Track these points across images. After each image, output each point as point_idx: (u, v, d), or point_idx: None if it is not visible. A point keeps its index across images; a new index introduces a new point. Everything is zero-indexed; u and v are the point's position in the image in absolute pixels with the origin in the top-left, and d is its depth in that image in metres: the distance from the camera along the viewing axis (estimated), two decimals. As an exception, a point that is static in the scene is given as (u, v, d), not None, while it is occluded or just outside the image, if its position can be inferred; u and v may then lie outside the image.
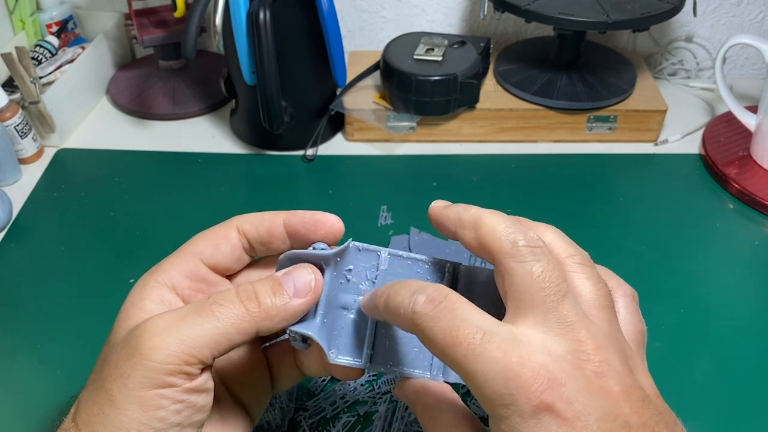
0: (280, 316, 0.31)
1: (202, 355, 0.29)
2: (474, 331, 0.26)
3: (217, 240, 0.35)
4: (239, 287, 0.31)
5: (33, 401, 0.46)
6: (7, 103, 0.64)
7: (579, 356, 0.26)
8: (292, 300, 0.31)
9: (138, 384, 0.28)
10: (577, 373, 0.26)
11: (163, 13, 0.75)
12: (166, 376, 0.28)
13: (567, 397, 0.25)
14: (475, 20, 0.82)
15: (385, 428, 0.43)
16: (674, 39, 0.82)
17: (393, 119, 0.69)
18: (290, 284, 0.31)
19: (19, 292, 0.54)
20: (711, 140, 0.69)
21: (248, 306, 0.30)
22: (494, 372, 0.25)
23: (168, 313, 0.30)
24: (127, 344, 0.29)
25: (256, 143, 0.70)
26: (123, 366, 0.28)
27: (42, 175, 0.67)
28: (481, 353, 0.26)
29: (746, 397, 0.46)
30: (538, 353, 0.26)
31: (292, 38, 0.63)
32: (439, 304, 0.28)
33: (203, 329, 0.29)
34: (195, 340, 0.28)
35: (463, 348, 0.26)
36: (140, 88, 0.77)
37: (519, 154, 0.70)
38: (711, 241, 0.59)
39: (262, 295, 0.30)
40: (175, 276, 0.34)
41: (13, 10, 0.76)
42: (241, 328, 0.30)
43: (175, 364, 0.28)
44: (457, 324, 0.27)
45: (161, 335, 0.28)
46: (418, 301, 0.28)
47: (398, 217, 0.60)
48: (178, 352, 0.28)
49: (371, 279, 0.34)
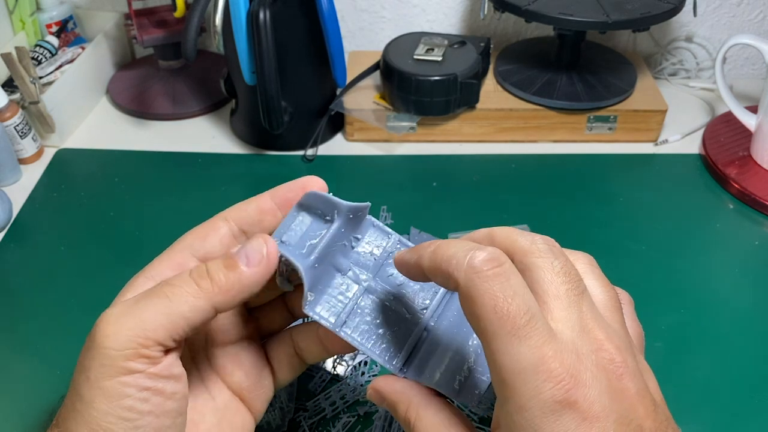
0: (235, 290, 0.30)
1: (158, 337, 0.28)
2: (524, 311, 0.25)
3: (205, 232, 0.35)
4: (192, 268, 0.31)
5: (33, 401, 0.46)
6: (7, 103, 0.64)
7: (602, 356, 0.26)
8: (246, 270, 0.30)
9: (99, 375, 0.27)
10: (601, 375, 0.26)
11: (163, 13, 0.75)
12: (124, 362, 0.27)
13: (590, 397, 0.25)
14: (475, 20, 0.82)
15: (385, 428, 0.43)
16: (674, 39, 0.82)
17: (393, 119, 0.69)
18: (242, 257, 0.30)
19: (19, 292, 0.54)
20: (711, 140, 0.69)
21: (201, 283, 0.30)
22: (527, 360, 0.25)
23: (123, 302, 0.29)
24: (87, 339, 0.29)
25: (256, 143, 0.70)
26: (84, 360, 0.28)
27: (42, 175, 0.67)
28: (523, 337, 0.25)
29: (746, 397, 0.46)
30: (568, 351, 0.26)
31: (292, 38, 0.63)
32: (499, 266, 0.26)
33: (156, 310, 0.28)
34: (148, 322, 0.28)
35: (508, 324, 0.25)
36: (140, 88, 0.77)
37: (519, 154, 0.70)
38: (711, 241, 0.59)
39: (214, 271, 0.30)
40: (163, 270, 0.33)
41: (13, 10, 0.76)
42: (196, 306, 0.29)
43: (131, 348, 0.27)
44: (510, 294, 0.26)
45: (115, 323, 0.28)
46: (476, 256, 0.26)
47: (398, 217, 0.60)
48: (132, 336, 0.27)
49: (375, 255, 0.35)
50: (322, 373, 0.46)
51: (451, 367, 0.32)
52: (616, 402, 0.26)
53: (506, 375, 0.25)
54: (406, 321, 0.34)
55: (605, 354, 0.27)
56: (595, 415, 0.25)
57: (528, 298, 0.26)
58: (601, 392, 0.25)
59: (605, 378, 0.26)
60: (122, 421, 0.27)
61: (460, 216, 0.61)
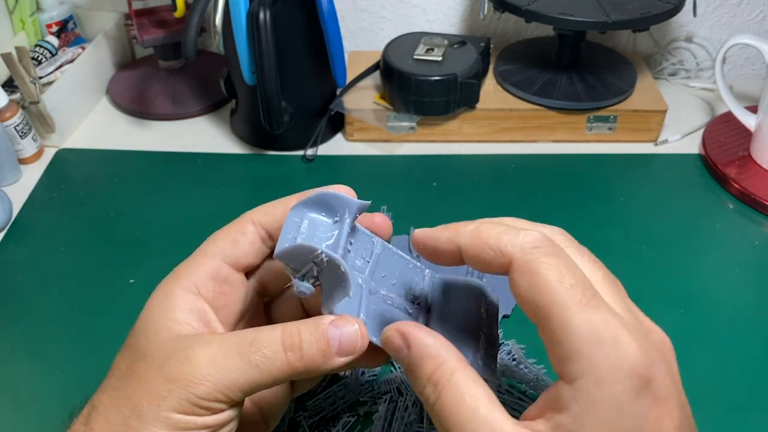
0: (317, 372, 0.30)
1: (234, 396, 0.29)
2: (588, 284, 0.25)
3: (234, 236, 0.35)
4: (284, 330, 0.30)
5: (33, 401, 0.46)
6: (7, 103, 0.64)
7: (655, 338, 0.27)
8: (334, 359, 0.30)
9: (171, 407, 0.28)
10: (660, 357, 0.26)
11: (163, 13, 0.75)
12: (197, 407, 0.29)
13: (660, 378, 0.25)
14: (475, 20, 0.82)
15: (385, 428, 0.43)
16: (674, 39, 0.82)
17: (393, 119, 0.69)
18: (336, 340, 0.30)
19: (19, 292, 0.54)
20: (711, 140, 0.69)
21: (290, 358, 0.29)
22: (605, 330, 0.24)
23: (212, 346, 0.30)
24: (167, 367, 0.29)
25: (256, 143, 0.70)
26: (160, 387, 0.29)
27: (42, 175, 0.67)
28: (595, 307, 0.25)
29: (746, 397, 0.46)
30: (634, 328, 0.25)
31: (292, 38, 0.63)
32: (553, 244, 0.26)
33: (243, 376, 0.29)
34: (233, 382, 0.29)
35: (578, 295, 0.25)
36: (140, 88, 0.77)
37: (519, 154, 0.70)
38: (711, 241, 0.59)
39: (306, 347, 0.30)
40: (199, 280, 0.33)
41: (13, 10, 0.76)
42: (278, 379, 0.30)
43: (209, 399, 0.29)
44: (573, 266, 0.25)
45: (204, 370, 0.29)
46: (529, 233, 0.26)
47: (398, 217, 0.60)
48: (214, 390, 0.29)
49: (366, 259, 0.34)
50: (322, 373, 0.46)
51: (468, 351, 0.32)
52: (675, 386, 0.25)
53: (582, 346, 0.24)
54: (409, 316, 0.34)
55: (657, 336, 0.27)
56: (665, 397, 0.25)
57: (586, 276, 0.26)
58: (665, 373, 0.25)
59: (663, 361, 0.26)
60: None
61: (460, 216, 0.60)
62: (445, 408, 0.26)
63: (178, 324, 0.31)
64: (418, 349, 0.28)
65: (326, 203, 0.32)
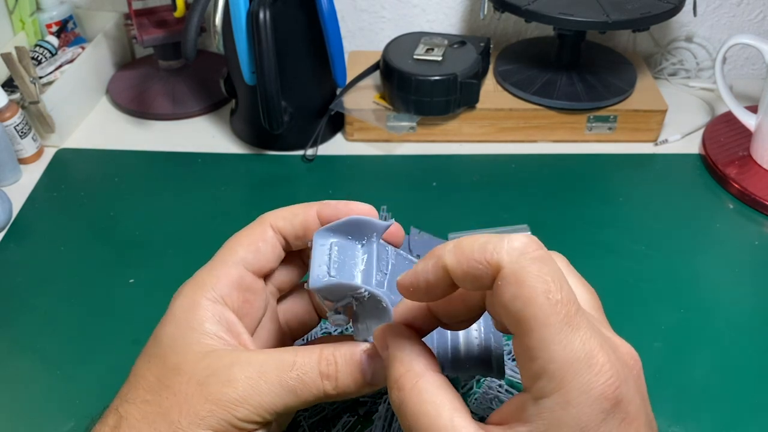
0: (347, 397, 0.31)
1: (269, 417, 0.30)
2: (573, 299, 0.24)
3: (256, 243, 0.34)
4: (321, 356, 0.31)
5: (33, 401, 0.46)
6: (7, 103, 0.64)
7: (623, 352, 0.26)
8: (365, 388, 0.31)
9: (210, 426, 0.29)
10: (629, 374, 0.25)
11: (163, 13, 0.75)
12: (235, 428, 0.30)
13: (629, 396, 0.24)
14: (475, 20, 0.82)
15: (385, 428, 0.43)
16: (674, 39, 0.82)
17: (393, 119, 0.69)
18: (369, 371, 0.31)
19: (19, 292, 0.54)
20: (711, 140, 0.69)
21: (326, 385, 0.31)
22: (580, 351, 0.24)
23: (252, 367, 0.30)
24: (208, 387, 0.30)
25: (256, 143, 0.70)
26: (200, 407, 0.30)
27: (42, 175, 0.67)
28: (575, 326, 0.24)
29: (746, 397, 0.46)
30: (608, 349, 0.25)
31: (292, 38, 0.63)
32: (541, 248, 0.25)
33: (281, 399, 0.30)
34: (271, 405, 0.30)
35: (562, 312, 0.24)
36: (140, 88, 0.77)
37: (519, 154, 0.70)
38: (711, 241, 0.59)
39: (341, 377, 0.31)
40: (224, 290, 0.33)
41: (13, 10, 0.76)
42: (310, 403, 0.31)
43: (246, 420, 0.30)
44: (560, 278, 0.24)
45: (244, 393, 0.30)
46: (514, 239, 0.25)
47: (398, 217, 0.59)
48: (252, 412, 0.30)
49: (384, 271, 0.33)
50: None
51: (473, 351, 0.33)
52: (643, 402, 0.25)
53: (555, 366, 0.24)
54: None
55: (625, 350, 0.26)
56: (633, 415, 0.24)
57: (570, 289, 0.25)
58: (634, 392, 0.25)
59: (632, 377, 0.25)
60: None
61: (460, 216, 0.61)
62: (408, 412, 0.27)
63: (209, 338, 0.32)
64: (391, 352, 0.29)
65: (353, 228, 0.32)
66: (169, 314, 0.33)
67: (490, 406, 0.44)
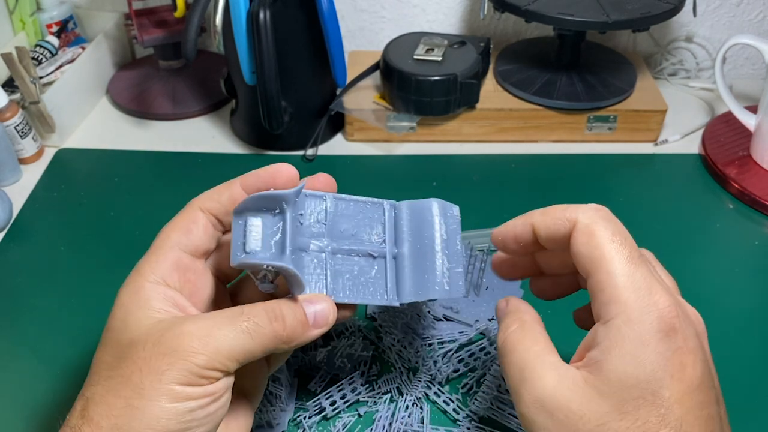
0: (297, 342, 0.33)
1: (230, 365, 0.31)
2: (635, 248, 0.31)
3: (187, 226, 0.36)
4: (266, 306, 0.33)
5: (33, 401, 0.46)
6: (7, 103, 0.64)
7: (688, 312, 0.31)
8: (311, 330, 0.34)
9: (173, 379, 0.30)
10: (690, 325, 0.30)
11: (163, 13, 0.75)
12: (198, 377, 0.30)
13: (687, 333, 0.29)
14: (475, 20, 0.82)
15: (385, 428, 0.43)
16: (674, 39, 0.82)
17: (393, 119, 0.69)
18: (311, 314, 0.34)
19: (19, 292, 0.54)
20: (711, 140, 0.69)
21: (276, 328, 0.32)
22: (643, 282, 0.29)
23: (202, 320, 0.32)
24: (163, 344, 0.31)
25: (256, 143, 0.70)
26: (159, 363, 0.30)
27: (42, 175, 0.67)
28: (638, 264, 0.30)
29: (746, 397, 0.46)
30: (670, 296, 0.30)
31: (292, 38, 0.63)
32: (609, 214, 0.33)
33: (237, 344, 0.31)
34: (229, 351, 0.31)
35: (626, 251, 0.30)
36: (140, 88, 0.77)
37: (519, 154, 0.70)
38: (711, 241, 0.59)
39: (288, 319, 0.33)
40: (163, 272, 0.35)
41: (13, 10, 0.76)
42: (266, 348, 0.32)
43: (207, 368, 0.30)
44: (624, 229, 0.32)
45: (200, 343, 0.30)
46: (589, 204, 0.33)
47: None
48: (212, 360, 0.30)
49: (321, 221, 0.36)
50: (322, 373, 0.46)
51: (434, 274, 0.36)
52: (703, 350, 0.30)
53: (620, 292, 0.29)
54: (376, 260, 0.36)
55: (691, 311, 0.32)
56: (690, 348, 0.29)
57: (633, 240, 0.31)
58: (693, 336, 0.29)
59: (692, 327, 0.30)
60: (179, 423, 0.30)
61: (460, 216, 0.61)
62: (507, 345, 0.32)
63: (157, 312, 0.33)
64: (511, 307, 0.35)
65: (263, 201, 0.34)
66: (116, 303, 0.34)
67: (491, 406, 0.44)
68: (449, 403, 0.44)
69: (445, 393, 0.45)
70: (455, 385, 0.46)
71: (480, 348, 0.47)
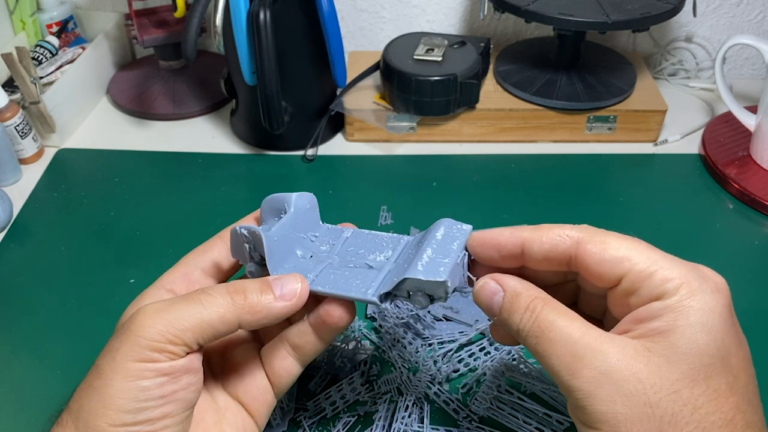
0: (263, 314, 0.33)
1: (186, 338, 0.31)
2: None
3: (204, 249, 0.38)
4: (228, 283, 0.33)
5: (33, 401, 0.46)
6: (8, 103, 0.64)
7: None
8: (277, 302, 0.33)
9: (125, 356, 0.30)
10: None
11: (163, 13, 0.75)
12: (151, 352, 0.30)
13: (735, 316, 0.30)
14: (475, 20, 0.82)
15: (385, 428, 0.43)
16: (674, 39, 0.82)
17: (393, 119, 0.69)
18: (278, 288, 0.33)
19: (19, 292, 0.54)
20: (711, 140, 0.69)
21: (234, 298, 0.32)
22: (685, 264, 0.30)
23: (161, 300, 0.32)
24: (120, 327, 0.32)
25: (256, 143, 0.70)
26: (113, 342, 0.31)
27: (42, 175, 0.67)
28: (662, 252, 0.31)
29: (746, 397, 0.46)
30: None
31: (292, 38, 0.63)
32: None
33: (189, 314, 0.31)
34: (180, 322, 0.31)
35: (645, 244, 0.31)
36: (140, 88, 0.77)
37: (519, 154, 0.70)
38: (711, 241, 0.59)
39: (249, 291, 0.33)
40: (173, 280, 0.36)
41: (13, 10, 0.76)
42: (225, 318, 0.32)
43: (160, 341, 0.30)
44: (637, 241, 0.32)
45: (151, 317, 0.31)
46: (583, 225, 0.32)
47: (398, 217, 0.60)
48: (164, 332, 0.30)
49: (332, 243, 0.39)
50: (322, 373, 0.46)
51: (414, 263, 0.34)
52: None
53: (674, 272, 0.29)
54: (371, 270, 0.36)
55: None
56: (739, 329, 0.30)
57: None
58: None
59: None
60: (134, 401, 0.30)
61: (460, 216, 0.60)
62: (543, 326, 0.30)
63: None
64: (512, 289, 0.32)
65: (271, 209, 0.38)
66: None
67: (490, 406, 0.44)
68: (449, 403, 0.44)
69: (445, 393, 0.45)
70: (455, 385, 0.46)
71: (480, 348, 0.48)
